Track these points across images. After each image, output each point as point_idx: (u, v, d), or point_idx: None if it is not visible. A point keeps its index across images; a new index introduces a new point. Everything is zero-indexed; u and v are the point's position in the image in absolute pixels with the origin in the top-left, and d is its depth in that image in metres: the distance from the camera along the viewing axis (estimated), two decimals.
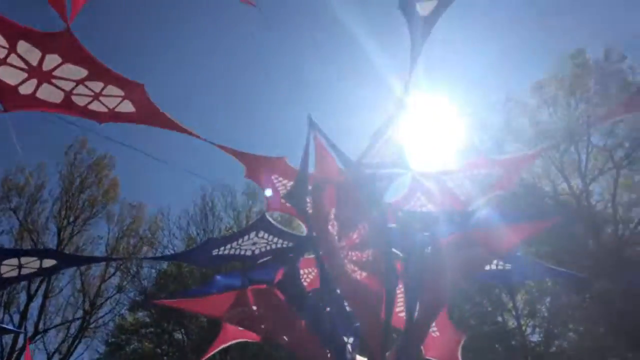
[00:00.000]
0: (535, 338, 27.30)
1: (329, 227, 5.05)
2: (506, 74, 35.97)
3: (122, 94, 4.43)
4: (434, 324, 6.19)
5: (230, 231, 27.32)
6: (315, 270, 6.19)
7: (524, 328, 26.65)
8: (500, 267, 6.17)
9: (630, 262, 22.49)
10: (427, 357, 6.40)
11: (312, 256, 6.07)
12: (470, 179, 5.97)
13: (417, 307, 5.02)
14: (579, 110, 24.50)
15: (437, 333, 6.41)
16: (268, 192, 6.27)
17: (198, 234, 30.27)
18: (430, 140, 6.27)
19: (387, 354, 4.71)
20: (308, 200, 5.26)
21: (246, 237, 6.01)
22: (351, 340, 5.57)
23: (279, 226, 6.11)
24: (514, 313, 26.66)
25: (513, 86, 27.55)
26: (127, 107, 4.56)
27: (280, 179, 6.08)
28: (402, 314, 5.30)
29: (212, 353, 6.70)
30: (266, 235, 6.01)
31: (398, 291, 5.36)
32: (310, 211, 5.25)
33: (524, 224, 5.24)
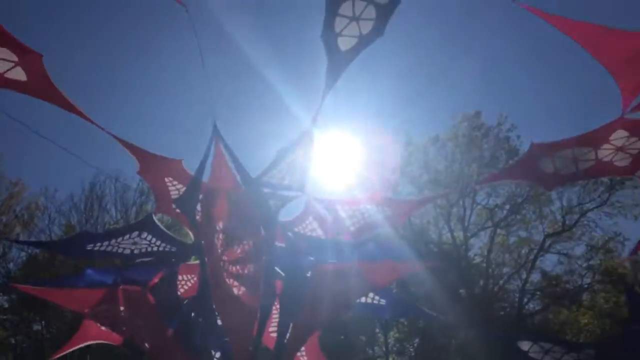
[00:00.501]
0: None
1: (215, 238, 4.98)
2: (412, 117, 37.92)
3: (16, 59, 4.11)
4: (303, 348, 6.23)
5: (114, 225, 25.91)
6: (194, 279, 6.03)
7: None
8: (375, 302, 6.39)
9: (497, 315, 24.31)
10: None
11: (192, 263, 5.93)
12: (362, 212, 6.17)
13: (290, 329, 5.06)
14: (470, 168, 26.29)
15: (305, 358, 6.46)
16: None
17: (80, 223, 28.30)
18: (330, 169, 6.44)
19: None
20: (198, 208, 5.15)
21: (127, 236, 5.74)
22: (218, 355, 5.47)
23: (164, 229, 5.90)
24: (384, 349, 27.63)
25: (417, 130, 28.87)
26: (19, 74, 4.22)
27: (175, 182, 5.88)
28: (274, 334, 5.31)
29: (69, 350, 6.24)
30: (149, 237, 5.78)
31: (273, 310, 5.37)
32: (199, 220, 5.14)
33: (405, 263, 5.53)
